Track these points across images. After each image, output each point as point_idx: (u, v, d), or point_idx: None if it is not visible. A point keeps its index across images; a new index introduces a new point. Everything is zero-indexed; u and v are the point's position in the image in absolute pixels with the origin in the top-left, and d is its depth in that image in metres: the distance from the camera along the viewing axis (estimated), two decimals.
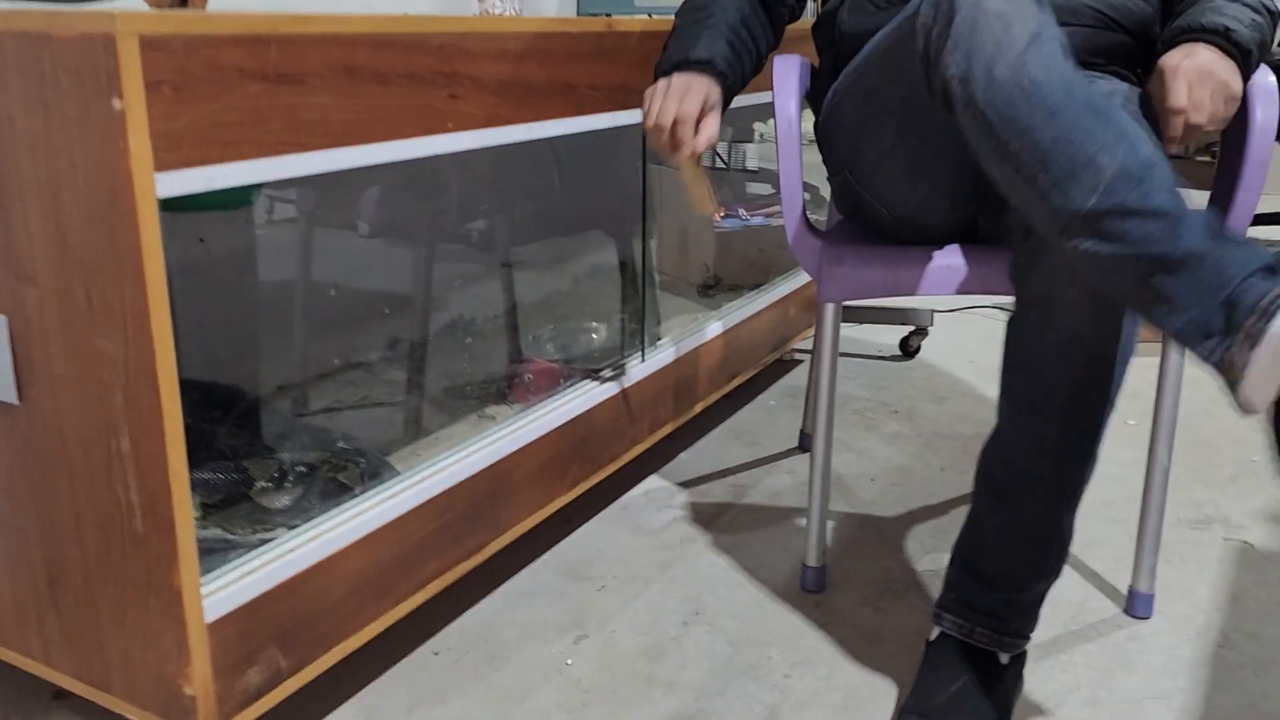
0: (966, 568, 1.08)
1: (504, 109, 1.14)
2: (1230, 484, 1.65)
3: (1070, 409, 0.98)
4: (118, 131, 0.77)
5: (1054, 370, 0.97)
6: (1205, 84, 1.05)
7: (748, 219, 2.20)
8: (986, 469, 1.06)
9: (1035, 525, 1.03)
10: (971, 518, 1.09)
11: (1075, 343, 0.95)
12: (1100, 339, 0.96)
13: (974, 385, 2.07)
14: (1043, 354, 0.97)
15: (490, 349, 1.67)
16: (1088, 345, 0.96)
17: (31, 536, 0.94)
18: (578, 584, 1.34)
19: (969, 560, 1.08)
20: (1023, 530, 1.03)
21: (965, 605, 1.08)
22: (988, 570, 1.06)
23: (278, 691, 0.98)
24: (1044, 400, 0.99)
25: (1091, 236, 0.83)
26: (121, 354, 0.82)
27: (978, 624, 1.06)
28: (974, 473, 1.08)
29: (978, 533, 1.07)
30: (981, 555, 1.07)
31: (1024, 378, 1.00)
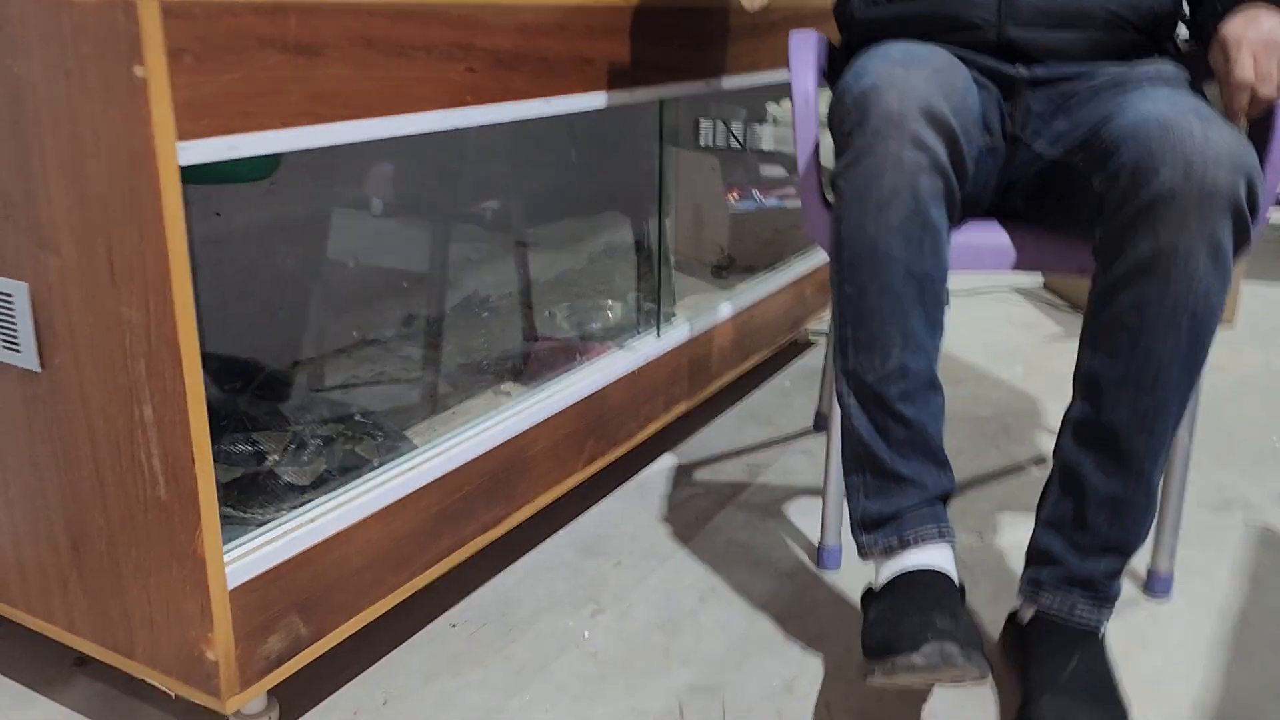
0: (1065, 542, 1.06)
1: (521, 83, 1.14)
2: (1251, 467, 1.64)
3: (1172, 374, 0.99)
4: (140, 99, 0.77)
5: (1159, 338, 0.98)
6: (1271, 53, 1.02)
7: (762, 200, 2.20)
8: (1082, 442, 1.04)
9: (1139, 491, 1.03)
10: (1064, 493, 1.06)
11: (1178, 309, 0.97)
12: (1207, 307, 0.97)
13: (988, 368, 2.06)
14: (1148, 323, 0.98)
15: (505, 326, 1.67)
16: (1190, 312, 0.97)
17: (54, 504, 0.95)
18: (593, 559, 1.34)
19: (1066, 535, 1.06)
20: (1127, 502, 1.03)
21: (1063, 577, 1.06)
22: (1090, 543, 1.05)
23: (297, 659, 0.98)
24: (1147, 368, 0.99)
25: (856, 399, 1.07)
26: (143, 321, 0.83)
27: (1078, 599, 1.06)
28: (1059, 448, 1.06)
29: (1076, 507, 1.05)
30: (1082, 528, 1.05)
31: (1127, 347, 0.99)
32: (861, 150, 1.02)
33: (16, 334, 0.91)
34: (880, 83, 1.02)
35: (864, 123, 1.02)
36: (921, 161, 1.00)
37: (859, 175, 1.02)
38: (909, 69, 1.03)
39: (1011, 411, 1.84)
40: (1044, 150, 1.17)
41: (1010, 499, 1.52)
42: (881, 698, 1.09)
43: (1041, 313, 2.43)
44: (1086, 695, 1.00)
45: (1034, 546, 1.09)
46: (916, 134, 1.00)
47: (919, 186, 1.00)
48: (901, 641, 0.93)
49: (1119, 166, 0.98)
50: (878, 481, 1.06)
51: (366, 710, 1.06)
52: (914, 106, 1.00)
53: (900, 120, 1.00)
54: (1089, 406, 1.03)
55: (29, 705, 1.06)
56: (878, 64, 1.05)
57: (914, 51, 1.08)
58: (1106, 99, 1.14)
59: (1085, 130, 1.11)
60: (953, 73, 1.08)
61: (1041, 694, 1.01)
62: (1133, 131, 0.99)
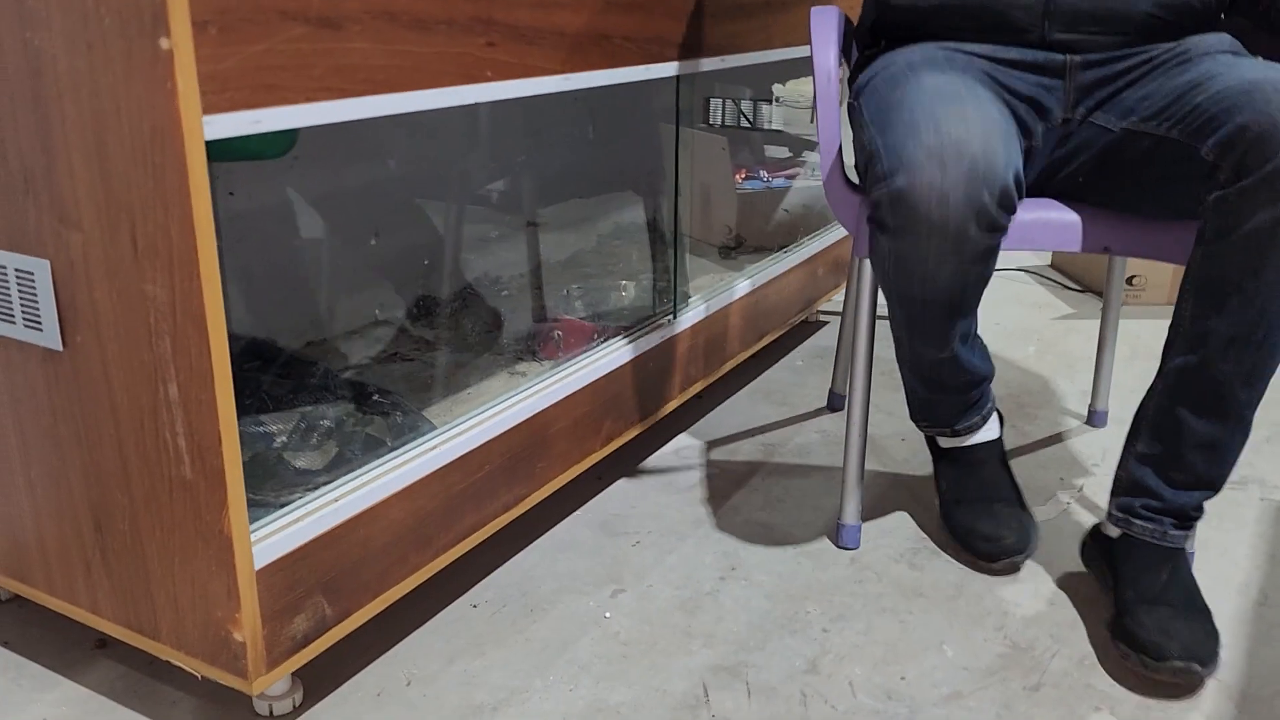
0: (1159, 478, 1.12)
1: (540, 59, 1.12)
2: (1266, 445, 1.64)
3: (1269, 311, 1.02)
4: (165, 72, 0.76)
5: (1274, 300, 1.00)
6: None
7: (769, 181, 2.18)
8: (1184, 389, 1.08)
9: (1237, 435, 1.09)
10: (1160, 432, 1.11)
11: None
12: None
13: (1001, 346, 2.05)
14: (1265, 286, 1.00)
15: (518, 306, 1.66)
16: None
17: (77, 484, 0.94)
18: (612, 539, 1.34)
19: (1160, 473, 1.12)
20: (1223, 444, 1.09)
21: (1154, 509, 1.13)
22: (1184, 478, 1.12)
23: (323, 640, 0.98)
24: (1258, 327, 1.02)
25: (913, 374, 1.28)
26: (169, 298, 0.82)
27: (1170, 522, 1.13)
28: (1156, 392, 1.11)
29: (1172, 446, 1.11)
30: (1178, 467, 1.11)
31: (1238, 308, 1.02)
32: (904, 244, 1.06)
33: (39, 312, 0.90)
34: (917, 172, 1.01)
35: (904, 227, 1.04)
36: (970, 251, 1.04)
37: (904, 258, 1.07)
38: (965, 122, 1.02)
39: (1025, 390, 1.83)
40: (1111, 124, 1.15)
41: (1027, 477, 1.51)
42: (905, 675, 1.08)
43: (1051, 293, 2.42)
44: (1180, 606, 1.09)
45: (1127, 477, 1.16)
46: (963, 233, 1.03)
47: (968, 273, 1.07)
48: (978, 549, 1.27)
49: (1235, 132, 0.98)
50: (930, 406, 1.32)
51: (390, 692, 1.05)
52: (960, 207, 1.01)
53: (943, 226, 1.02)
54: (1194, 359, 1.06)
55: (50, 687, 1.05)
56: (907, 123, 1.04)
57: (944, 90, 1.06)
58: (1178, 70, 1.13)
59: (1165, 99, 1.09)
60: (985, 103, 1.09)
61: (1138, 607, 1.10)
62: (1244, 99, 0.98)
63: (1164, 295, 2.32)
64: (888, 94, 1.11)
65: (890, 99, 1.10)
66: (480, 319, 1.58)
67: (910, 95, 1.07)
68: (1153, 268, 2.30)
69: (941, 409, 1.31)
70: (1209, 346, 1.05)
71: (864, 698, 1.05)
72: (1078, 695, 1.06)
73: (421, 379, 1.37)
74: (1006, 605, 1.21)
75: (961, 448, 1.35)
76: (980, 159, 1.00)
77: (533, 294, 1.73)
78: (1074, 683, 1.08)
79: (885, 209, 1.04)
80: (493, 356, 1.46)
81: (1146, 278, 2.31)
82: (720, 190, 2.09)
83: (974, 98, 1.06)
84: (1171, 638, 1.05)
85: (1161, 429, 1.11)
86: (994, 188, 1.01)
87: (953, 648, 1.13)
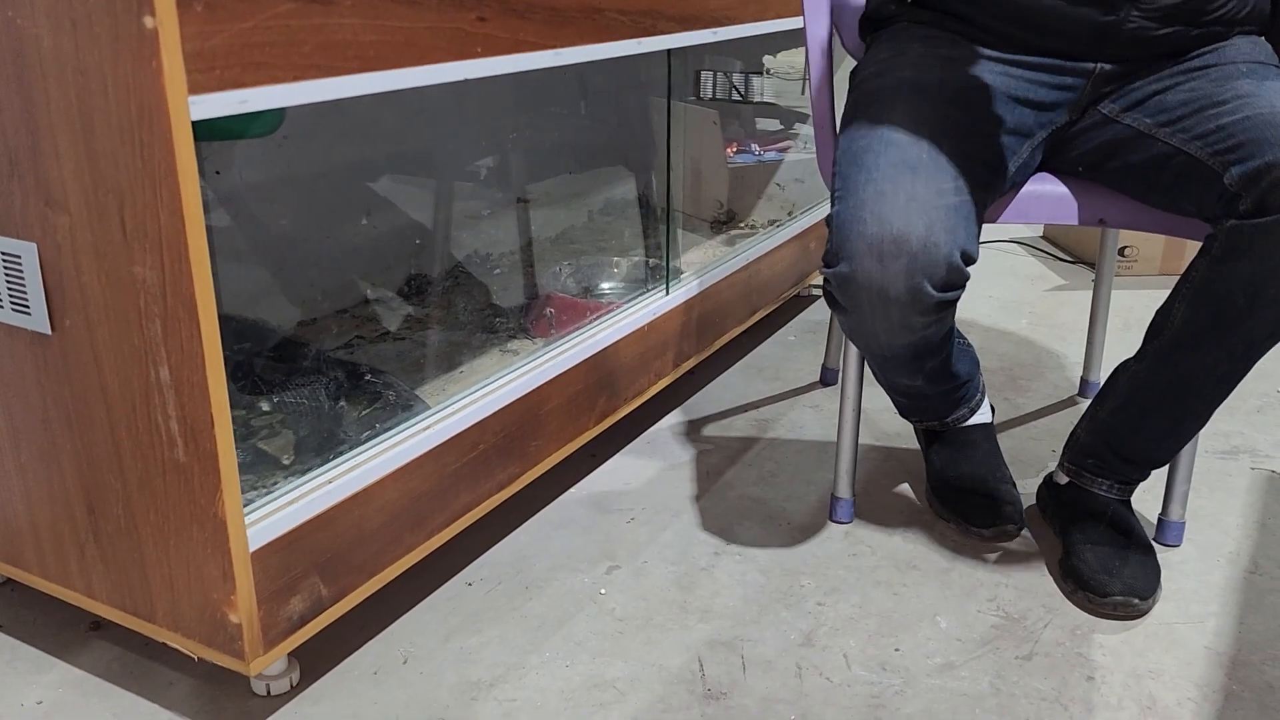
0: (1111, 448, 1.20)
1: (532, 34, 1.11)
2: (1257, 415, 1.65)
3: (1262, 349, 1.06)
4: (150, 51, 0.75)
5: (1263, 324, 1.04)
6: None
7: (760, 154, 2.17)
8: (1156, 375, 1.12)
9: (1196, 424, 1.15)
10: (1123, 409, 1.16)
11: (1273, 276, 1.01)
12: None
13: (994, 319, 2.05)
14: (1258, 311, 1.03)
15: (510, 284, 1.65)
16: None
17: (68, 467, 0.94)
18: (607, 516, 1.34)
19: (1113, 443, 1.19)
20: (1178, 432, 1.16)
21: (1103, 469, 1.22)
22: (1136, 454, 1.19)
23: (319, 620, 0.98)
24: (1241, 341, 1.05)
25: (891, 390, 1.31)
26: (158, 280, 0.81)
27: (1115, 481, 1.23)
28: (1130, 372, 1.15)
29: (1131, 428, 1.17)
30: (1131, 444, 1.18)
31: (1230, 321, 1.05)
32: (854, 321, 1.08)
33: (26, 296, 0.89)
34: (858, 263, 1.01)
35: (851, 308, 1.06)
36: (919, 324, 1.05)
37: (856, 331, 1.09)
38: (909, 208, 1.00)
39: (1018, 362, 1.84)
40: (1116, 115, 1.14)
41: (1019, 449, 1.52)
42: (899, 647, 1.09)
43: (1043, 264, 2.42)
44: (1121, 545, 1.19)
45: (1082, 438, 1.23)
46: (906, 316, 1.04)
47: (925, 334, 1.08)
48: (974, 519, 1.29)
49: (1263, 169, 0.98)
50: (915, 409, 1.35)
51: (386, 670, 1.06)
52: (901, 297, 1.01)
53: (885, 312, 1.04)
54: (1174, 356, 1.10)
55: (46, 669, 1.05)
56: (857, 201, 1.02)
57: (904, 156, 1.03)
58: (1201, 76, 1.10)
59: (1186, 108, 1.08)
60: (976, 124, 1.09)
61: (1083, 546, 1.19)
62: (1276, 134, 0.99)
63: (1156, 267, 2.32)
64: (858, 134, 1.08)
65: (856, 147, 1.06)
66: (472, 297, 1.57)
67: (872, 151, 1.04)
68: (1145, 239, 2.30)
69: (927, 410, 1.34)
70: (1191, 351, 1.08)
71: (858, 669, 1.06)
72: (1070, 664, 1.07)
73: (413, 358, 1.37)
74: (999, 577, 1.22)
75: (955, 429, 1.36)
76: (920, 254, 0.99)
77: (524, 271, 1.72)
78: (1066, 652, 1.09)
79: (833, 287, 1.06)
80: (485, 335, 1.45)
81: (1139, 249, 2.31)
82: (711, 164, 2.08)
83: (932, 166, 1.02)
84: (1112, 574, 1.15)
85: (1125, 406, 1.16)
86: (935, 276, 1.00)
87: (946, 619, 1.14)
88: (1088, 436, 1.22)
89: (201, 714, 0.99)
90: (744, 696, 1.02)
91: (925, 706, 1.01)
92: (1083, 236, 2.44)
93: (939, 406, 1.32)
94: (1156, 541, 1.29)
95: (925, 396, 1.29)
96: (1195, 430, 1.16)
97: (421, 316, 1.52)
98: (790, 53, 2.30)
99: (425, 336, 1.45)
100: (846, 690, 1.03)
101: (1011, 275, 2.34)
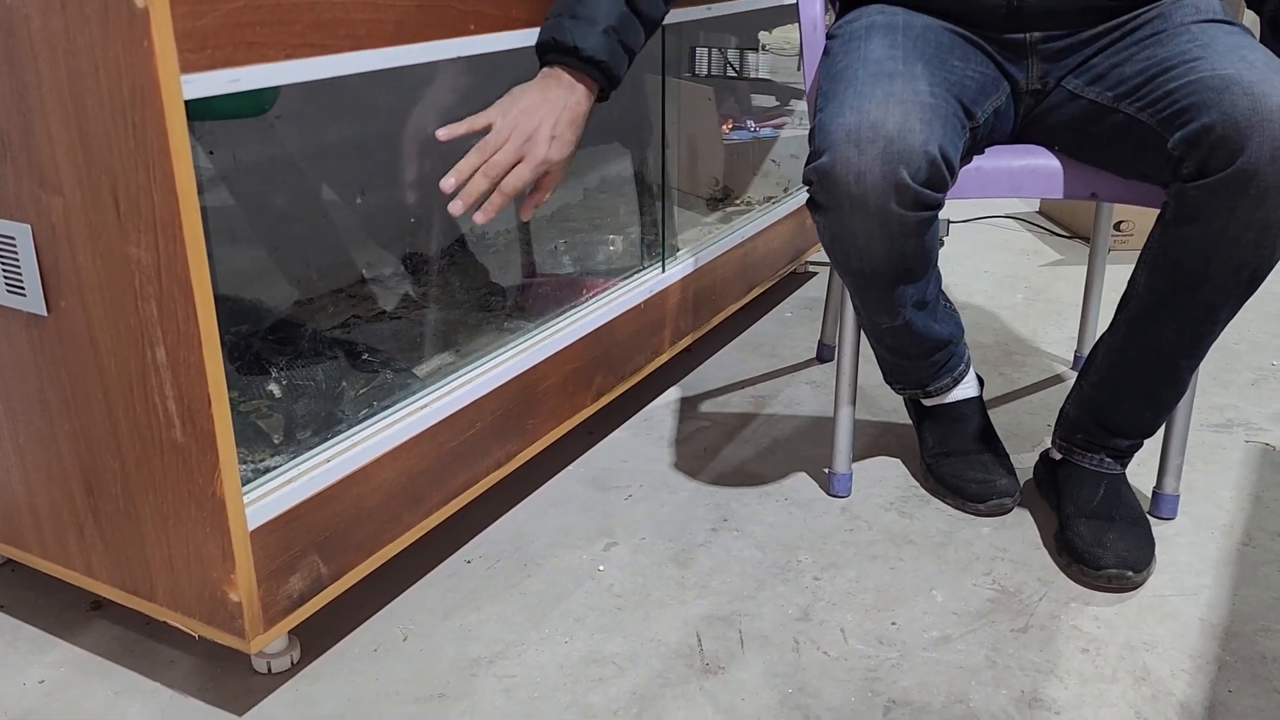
0: (1097, 421, 1.21)
1: (523, 10, 1.10)
2: (1251, 388, 1.65)
3: (1223, 313, 1.07)
4: (141, 31, 0.74)
5: (1220, 288, 1.05)
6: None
7: (756, 131, 2.17)
8: (1129, 347, 1.14)
9: (1173, 394, 1.17)
10: (1103, 383, 1.18)
11: (1242, 269, 1.03)
12: (1269, 264, 1.03)
13: (991, 294, 2.06)
14: (1213, 275, 1.04)
15: (506, 262, 1.65)
16: (1252, 270, 1.03)
17: (66, 448, 0.94)
18: (604, 493, 1.35)
19: (1098, 416, 1.21)
20: (1159, 401, 1.17)
21: (1092, 443, 1.23)
22: (1120, 425, 1.20)
23: (318, 598, 0.99)
24: (1202, 307, 1.06)
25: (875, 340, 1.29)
26: (153, 261, 0.81)
27: (1106, 454, 1.23)
28: (1106, 346, 1.17)
29: (1111, 397, 1.18)
30: (1115, 415, 1.19)
31: (1187, 288, 1.06)
32: (833, 221, 1.08)
33: (21, 277, 0.89)
34: (837, 151, 1.03)
35: (830, 204, 1.06)
36: (898, 226, 1.06)
37: (837, 235, 1.10)
38: (887, 102, 1.04)
39: (1014, 337, 1.84)
40: (1081, 90, 1.15)
41: (1014, 424, 1.52)
42: (895, 620, 1.10)
43: (1039, 239, 2.42)
44: (1115, 518, 1.19)
45: (1069, 417, 1.25)
46: (885, 209, 1.04)
47: (903, 247, 1.08)
48: (969, 494, 1.30)
49: (1201, 132, 0.99)
50: (900, 370, 1.33)
51: (386, 647, 1.06)
52: (877, 185, 1.03)
53: (864, 203, 1.04)
54: (1141, 324, 1.12)
55: (47, 649, 1.06)
56: (838, 101, 1.06)
57: (881, 67, 1.08)
58: (1152, 42, 1.11)
59: (1138, 76, 1.09)
60: (944, 61, 1.12)
61: (1077, 520, 1.20)
62: (1214, 96, 0.98)
63: None
64: (838, 61, 1.14)
65: (836, 68, 1.13)
66: (468, 276, 1.57)
67: (851, 68, 1.10)
68: (1140, 213, 2.30)
69: (910, 373, 1.33)
70: (1156, 318, 1.10)
71: (855, 643, 1.07)
72: (1065, 636, 1.08)
73: (410, 337, 1.37)
74: (995, 550, 1.23)
75: (945, 404, 1.37)
76: (895, 139, 1.02)
77: (521, 249, 1.72)
78: (1061, 625, 1.10)
79: (815, 186, 1.07)
80: (482, 313, 1.45)
81: (1135, 223, 2.31)
82: (707, 141, 2.07)
83: (907, 75, 1.07)
84: (1106, 548, 1.16)
85: (1105, 378, 1.18)
86: (911, 165, 1.02)
87: (942, 593, 1.15)
88: (1075, 411, 1.23)
89: (203, 692, 1.00)
90: (741, 671, 1.03)
91: (921, 679, 1.02)
92: (1079, 211, 2.44)
93: (920, 370, 1.31)
94: (1151, 514, 1.29)
95: (907, 354, 1.27)
96: (1175, 399, 1.17)
97: (418, 295, 1.52)
98: (786, 28, 2.29)
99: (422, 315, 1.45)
100: (843, 664, 1.04)
101: (1007, 250, 2.34)
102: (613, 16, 1.06)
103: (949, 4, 1.17)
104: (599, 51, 1.05)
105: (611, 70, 1.07)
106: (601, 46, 1.05)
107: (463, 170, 1.01)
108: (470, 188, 1.01)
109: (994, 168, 1.16)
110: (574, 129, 1.06)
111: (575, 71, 1.06)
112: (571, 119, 1.06)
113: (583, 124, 1.07)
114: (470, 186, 1.01)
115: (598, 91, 1.08)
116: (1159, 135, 1.04)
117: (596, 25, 1.05)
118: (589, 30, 1.05)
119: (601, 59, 1.06)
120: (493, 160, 1.02)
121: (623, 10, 1.07)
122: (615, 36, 1.07)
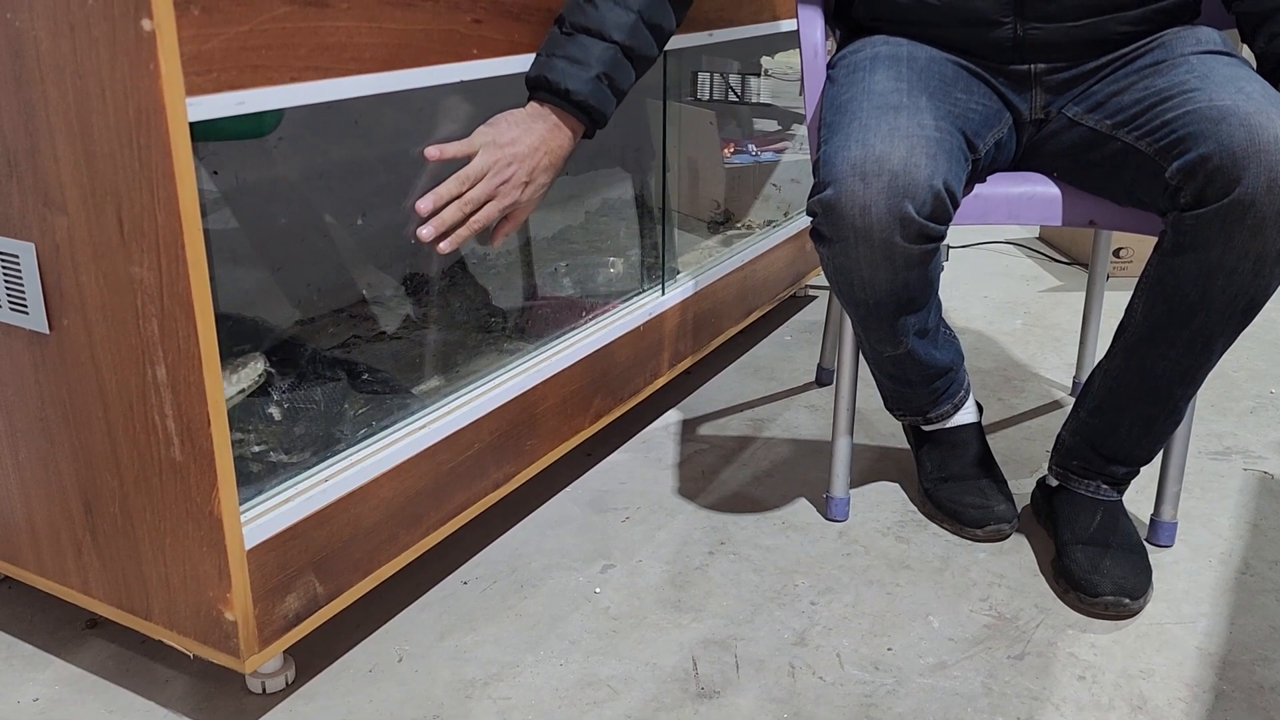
0: (1094, 448, 1.21)
1: (527, 35, 1.12)
2: (1249, 416, 1.65)
3: (1219, 342, 1.08)
4: (148, 53, 0.75)
5: (1216, 317, 1.06)
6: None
7: (757, 154, 2.18)
8: (1125, 375, 1.14)
9: (1169, 422, 1.17)
10: (1100, 410, 1.18)
11: (1238, 298, 1.03)
12: (1265, 295, 1.04)
13: (990, 319, 2.06)
14: (1209, 304, 1.05)
15: (507, 284, 1.66)
16: (1249, 299, 1.04)
17: (65, 466, 0.95)
18: (602, 515, 1.35)
19: (1095, 444, 1.21)
20: (1155, 429, 1.17)
21: (1089, 470, 1.23)
22: (1116, 452, 1.20)
23: (315, 618, 0.99)
24: (1198, 336, 1.07)
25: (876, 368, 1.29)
26: (155, 281, 0.82)
27: (1102, 481, 1.23)
28: (1104, 372, 1.17)
29: (1108, 424, 1.18)
30: (1112, 442, 1.20)
31: (1184, 316, 1.06)
32: (838, 253, 1.08)
33: (24, 295, 0.89)
34: (842, 184, 1.04)
35: (835, 236, 1.07)
36: (901, 259, 1.06)
37: (841, 267, 1.10)
38: (892, 136, 1.05)
39: (1012, 363, 1.84)
40: (1081, 118, 1.17)
41: (1013, 450, 1.53)
42: (891, 646, 1.10)
43: (1039, 265, 2.43)
44: (1112, 544, 1.19)
45: (1067, 440, 1.25)
46: (889, 242, 1.05)
47: (906, 279, 1.09)
48: (966, 519, 1.30)
49: (1198, 162, 0.99)
50: (901, 397, 1.33)
51: (381, 668, 1.06)
52: (882, 218, 1.03)
53: (868, 236, 1.05)
54: (1138, 352, 1.12)
55: (43, 666, 1.06)
56: (844, 134, 1.07)
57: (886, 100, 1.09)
58: (1152, 71, 1.13)
59: (1137, 105, 1.10)
60: (947, 93, 1.13)
61: (1073, 546, 1.20)
62: (1211, 128, 1.00)
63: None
64: (842, 91, 1.16)
65: (841, 99, 1.14)
66: (469, 297, 1.57)
67: (855, 100, 1.12)
68: (1140, 240, 2.30)
69: (911, 400, 1.33)
70: (1153, 346, 1.10)
71: (851, 669, 1.07)
72: (1061, 664, 1.08)
73: (410, 357, 1.37)
74: (992, 577, 1.22)
75: (944, 429, 1.37)
76: (900, 173, 1.03)
77: (521, 271, 1.73)
78: (1058, 652, 1.10)
79: (820, 218, 1.08)
80: (481, 334, 1.46)
81: (1134, 250, 2.31)
82: (708, 165, 2.08)
83: (912, 108, 1.09)
84: (1103, 575, 1.15)
85: (1102, 405, 1.18)
86: (916, 199, 1.03)
87: (939, 619, 1.15)
88: (1071, 438, 1.24)
89: (197, 712, 1.00)
90: (737, 695, 1.03)
91: (917, 706, 1.02)
92: (1078, 238, 2.45)
93: (921, 396, 1.32)
94: (1148, 542, 1.29)
95: (908, 382, 1.28)
96: (1171, 427, 1.17)
97: (419, 316, 1.52)
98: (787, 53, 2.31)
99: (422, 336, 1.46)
100: (839, 689, 1.04)
101: (1007, 276, 2.35)
102: (605, 61, 1.09)
103: (953, 35, 1.19)
104: (589, 97, 1.08)
105: (598, 113, 1.10)
106: (591, 92, 1.08)
107: (441, 195, 1.03)
108: (445, 215, 1.03)
109: (993, 195, 1.17)
110: (551, 172, 1.10)
111: (562, 113, 1.09)
112: (551, 162, 1.09)
113: (562, 165, 1.11)
114: (445, 214, 1.03)
115: (583, 132, 1.12)
116: (1156, 164, 1.05)
117: (589, 70, 1.08)
118: (580, 74, 1.08)
119: (591, 105, 1.09)
120: (468, 195, 1.04)
121: (615, 55, 1.09)
122: (606, 82, 1.10)
